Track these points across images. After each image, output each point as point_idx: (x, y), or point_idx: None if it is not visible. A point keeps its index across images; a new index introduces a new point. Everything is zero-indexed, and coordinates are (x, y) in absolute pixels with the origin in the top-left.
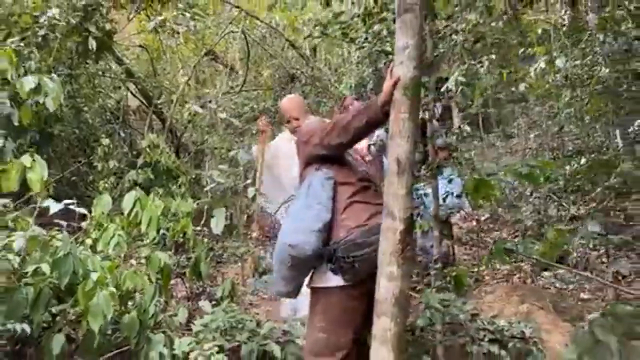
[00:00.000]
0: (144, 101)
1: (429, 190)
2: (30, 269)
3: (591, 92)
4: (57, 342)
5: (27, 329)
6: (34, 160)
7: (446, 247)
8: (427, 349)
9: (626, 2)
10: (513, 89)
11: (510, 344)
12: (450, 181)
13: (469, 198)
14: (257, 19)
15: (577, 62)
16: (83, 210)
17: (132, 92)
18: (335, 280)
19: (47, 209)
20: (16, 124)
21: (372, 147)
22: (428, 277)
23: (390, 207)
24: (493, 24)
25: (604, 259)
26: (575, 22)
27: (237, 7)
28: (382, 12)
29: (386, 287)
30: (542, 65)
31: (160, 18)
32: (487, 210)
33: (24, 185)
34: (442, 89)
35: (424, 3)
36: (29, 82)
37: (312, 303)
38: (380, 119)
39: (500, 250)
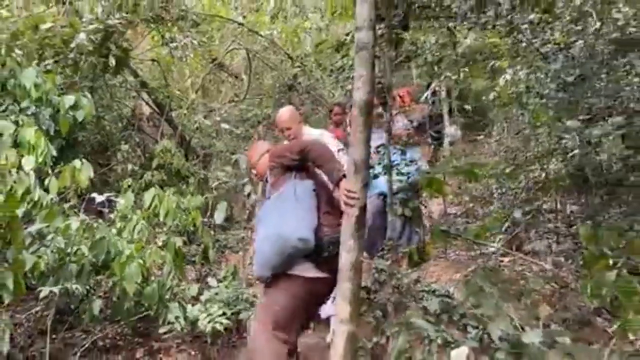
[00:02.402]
0: (156, 109)
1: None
2: (72, 249)
3: (535, 102)
4: (96, 305)
5: (80, 288)
6: (82, 163)
7: (415, 233)
8: (380, 307)
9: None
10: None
11: (439, 300)
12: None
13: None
14: (258, 34)
15: (523, 73)
16: (120, 201)
17: (145, 102)
18: (313, 272)
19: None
20: (52, 134)
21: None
22: (383, 252)
23: None
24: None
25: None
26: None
27: (240, 24)
28: (352, 43)
29: (346, 257)
30: (508, 77)
31: (180, 43)
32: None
33: None
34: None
35: (375, 42)
36: (70, 99)
37: (282, 285)
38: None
39: (437, 232)
